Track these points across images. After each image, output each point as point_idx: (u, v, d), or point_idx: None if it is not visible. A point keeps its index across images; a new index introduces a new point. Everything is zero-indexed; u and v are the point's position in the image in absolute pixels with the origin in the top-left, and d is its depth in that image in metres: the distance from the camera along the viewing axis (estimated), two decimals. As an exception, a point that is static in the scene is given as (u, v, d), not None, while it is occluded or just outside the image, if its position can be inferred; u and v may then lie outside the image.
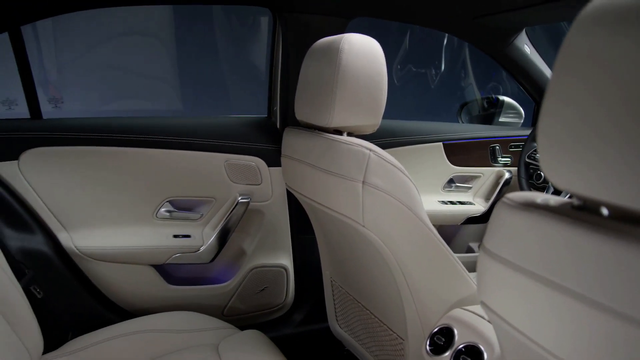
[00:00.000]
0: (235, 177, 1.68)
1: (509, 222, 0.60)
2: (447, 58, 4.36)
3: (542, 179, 1.87)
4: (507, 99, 2.34)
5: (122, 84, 3.33)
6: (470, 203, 2.14)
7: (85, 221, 1.57)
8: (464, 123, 2.45)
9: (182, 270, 1.77)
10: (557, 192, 1.75)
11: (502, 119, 2.31)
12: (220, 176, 1.66)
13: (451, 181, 2.13)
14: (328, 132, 1.21)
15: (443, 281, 1.19)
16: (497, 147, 2.14)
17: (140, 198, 1.61)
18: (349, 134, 1.20)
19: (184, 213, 1.69)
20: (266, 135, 1.71)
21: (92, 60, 3.15)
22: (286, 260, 1.84)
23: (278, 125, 1.75)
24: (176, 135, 1.61)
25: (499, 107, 2.34)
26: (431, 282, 1.18)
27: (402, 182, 1.08)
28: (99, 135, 1.53)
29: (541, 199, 0.59)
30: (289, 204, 1.78)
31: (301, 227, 1.80)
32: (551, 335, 0.55)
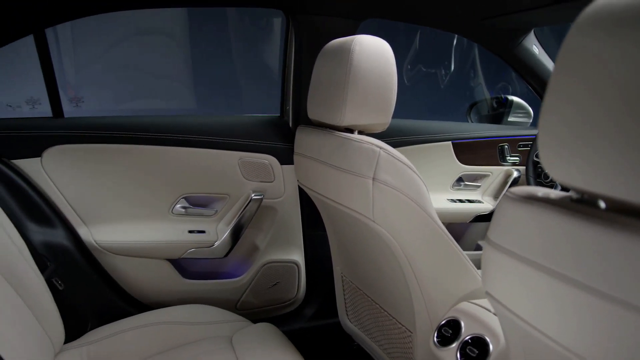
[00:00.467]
0: (249, 174, 1.71)
1: (511, 215, 0.62)
2: (457, 58, 4.34)
3: (551, 177, 1.88)
4: (516, 99, 2.34)
5: (138, 84, 3.37)
6: (479, 201, 2.15)
7: (104, 216, 1.60)
8: (473, 123, 2.45)
9: (196, 264, 1.79)
10: (565, 190, 1.76)
11: (511, 119, 2.31)
12: (234, 173, 1.69)
13: (460, 180, 2.13)
14: (339, 130, 1.23)
15: (450, 275, 1.21)
16: (506, 146, 2.15)
17: (156, 194, 1.64)
18: (360, 133, 1.22)
19: (199, 209, 1.72)
20: (279, 133, 1.73)
21: (109, 61, 3.20)
22: (298, 256, 1.86)
23: (290, 124, 1.77)
24: (192, 133, 1.63)
25: (508, 106, 2.34)
26: (439, 276, 1.20)
27: (411, 179, 1.11)
28: (118, 133, 1.56)
29: (542, 192, 0.61)
30: (300, 201, 1.80)
31: (312, 224, 1.82)
32: (553, 322, 0.57)
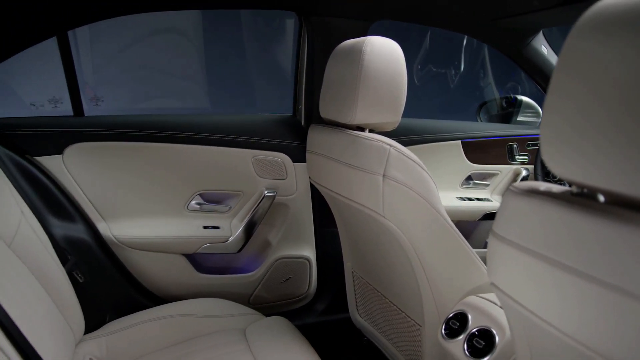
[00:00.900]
0: (262, 172, 1.74)
1: (515, 207, 0.65)
2: (467, 58, 4.33)
3: (558, 176, 1.89)
4: (526, 99, 2.34)
5: (154, 84, 3.41)
6: (488, 200, 2.16)
7: (122, 212, 1.64)
8: (482, 122, 2.46)
9: (211, 259, 1.83)
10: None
11: (520, 118, 2.32)
12: (248, 171, 1.72)
13: (469, 178, 2.15)
14: (351, 128, 1.26)
15: (458, 270, 1.23)
16: (515, 146, 2.15)
17: (172, 191, 1.68)
18: (371, 131, 1.25)
19: (213, 206, 1.75)
20: (291, 132, 1.76)
21: (126, 61, 3.25)
22: (309, 252, 1.88)
23: (303, 123, 1.80)
24: (207, 132, 1.67)
25: (517, 106, 2.34)
26: (447, 271, 1.22)
27: (420, 176, 1.13)
28: (136, 131, 1.61)
29: (544, 187, 0.64)
30: (312, 198, 1.82)
31: (324, 221, 1.85)
32: (556, 310, 0.59)
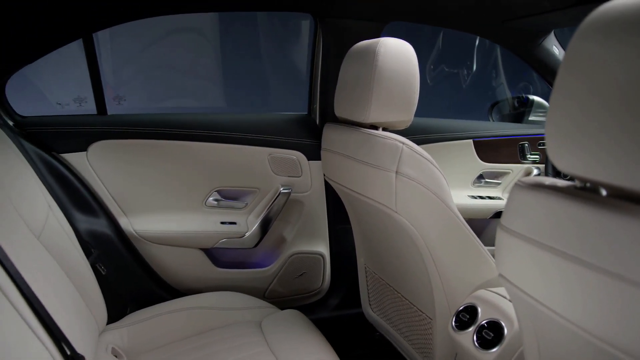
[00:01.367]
0: (278, 169, 1.77)
1: (521, 200, 0.68)
2: (479, 58, 4.32)
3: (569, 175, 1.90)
4: (537, 98, 2.33)
5: (173, 84, 3.46)
6: (499, 198, 2.16)
7: (143, 207, 1.69)
8: (494, 121, 2.46)
9: (228, 254, 1.86)
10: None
11: (532, 118, 2.31)
12: (264, 168, 1.76)
13: (481, 177, 2.15)
14: (365, 127, 1.29)
15: (468, 264, 1.26)
16: (526, 145, 2.16)
17: (191, 187, 1.72)
18: (384, 129, 1.28)
19: (230, 202, 1.79)
20: (306, 131, 1.79)
21: (148, 62, 3.30)
22: (323, 248, 1.91)
23: (317, 122, 1.83)
24: (225, 130, 1.70)
25: (529, 106, 2.34)
26: (458, 265, 1.24)
27: (431, 173, 1.16)
28: (156, 130, 1.65)
29: (549, 181, 0.66)
30: (326, 195, 1.85)
31: (337, 218, 1.87)
32: (561, 299, 0.62)
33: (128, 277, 1.69)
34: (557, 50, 2.03)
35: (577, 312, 0.59)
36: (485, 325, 1.15)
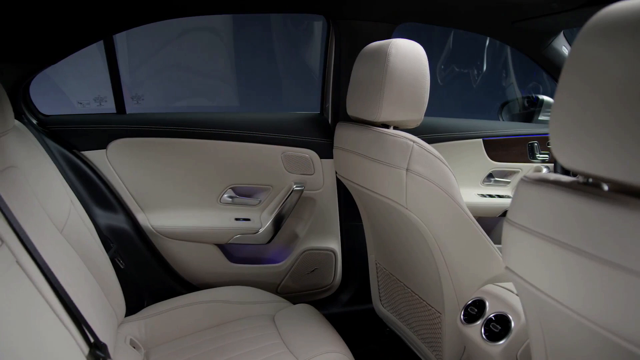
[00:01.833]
0: (291, 167, 1.79)
1: (526, 195, 0.70)
2: (489, 59, 4.31)
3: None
4: (547, 98, 2.33)
5: (188, 83, 3.50)
6: (508, 197, 2.16)
7: (160, 204, 1.72)
8: (504, 121, 2.45)
9: (242, 250, 1.89)
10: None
11: (541, 117, 2.30)
12: (277, 166, 1.78)
13: (490, 176, 2.15)
14: (376, 125, 1.32)
15: (477, 260, 1.27)
16: (536, 144, 2.15)
17: (206, 184, 1.75)
18: (395, 128, 1.31)
19: (245, 199, 1.81)
20: (319, 130, 1.81)
21: (164, 62, 3.35)
22: (335, 244, 1.93)
23: (329, 121, 1.85)
24: (239, 129, 1.73)
25: (539, 105, 2.33)
26: (466, 261, 1.26)
27: (441, 170, 1.19)
28: (173, 128, 1.68)
29: (553, 177, 0.68)
30: (338, 193, 1.87)
31: (349, 215, 1.89)
32: (565, 289, 0.64)
33: (145, 271, 1.72)
34: (566, 50, 2.02)
35: (581, 302, 0.61)
36: (493, 318, 1.17)
